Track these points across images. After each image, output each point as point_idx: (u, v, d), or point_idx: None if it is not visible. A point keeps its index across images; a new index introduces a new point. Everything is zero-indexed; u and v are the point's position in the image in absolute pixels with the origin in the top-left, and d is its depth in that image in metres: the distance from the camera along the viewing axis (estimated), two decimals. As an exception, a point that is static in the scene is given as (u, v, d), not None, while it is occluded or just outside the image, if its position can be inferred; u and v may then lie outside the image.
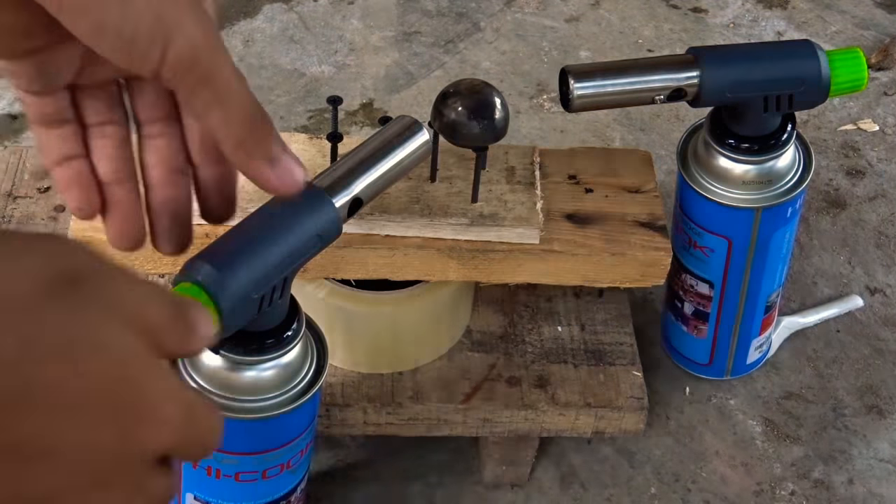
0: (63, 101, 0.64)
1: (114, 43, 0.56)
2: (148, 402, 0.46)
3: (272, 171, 0.62)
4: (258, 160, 0.62)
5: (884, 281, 1.26)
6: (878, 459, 1.12)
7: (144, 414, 0.46)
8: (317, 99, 1.41)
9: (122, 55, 0.56)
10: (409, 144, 0.78)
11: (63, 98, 0.64)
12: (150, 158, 0.66)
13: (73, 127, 0.65)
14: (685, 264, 1.08)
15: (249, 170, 0.62)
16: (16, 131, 1.37)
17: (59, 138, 0.65)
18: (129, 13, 0.55)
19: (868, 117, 1.43)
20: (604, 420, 1.01)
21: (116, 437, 0.45)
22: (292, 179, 0.63)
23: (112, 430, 0.45)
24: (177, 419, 0.47)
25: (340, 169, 0.75)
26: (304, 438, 0.86)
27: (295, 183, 0.64)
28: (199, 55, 0.57)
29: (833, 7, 1.58)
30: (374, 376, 1.01)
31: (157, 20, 0.55)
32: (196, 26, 0.56)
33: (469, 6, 1.55)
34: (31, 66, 0.62)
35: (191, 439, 0.48)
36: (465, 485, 1.08)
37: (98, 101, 0.65)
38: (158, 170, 0.66)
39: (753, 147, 0.99)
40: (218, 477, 0.85)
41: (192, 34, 0.56)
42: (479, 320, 1.06)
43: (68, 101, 0.65)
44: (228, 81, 0.59)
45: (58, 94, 0.64)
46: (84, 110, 0.65)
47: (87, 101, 0.65)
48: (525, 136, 1.38)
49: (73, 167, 0.65)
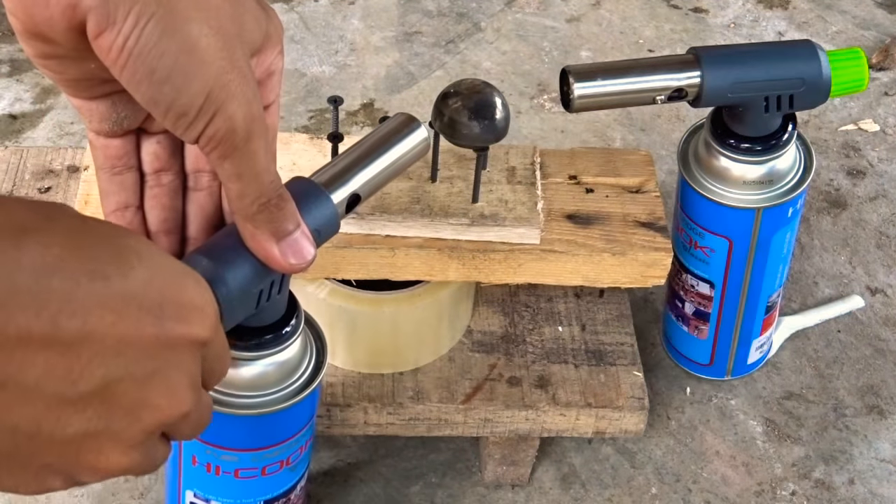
0: (129, 145, 0.68)
1: (165, 114, 0.60)
2: (188, 304, 0.52)
3: (276, 247, 0.66)
4: (263, 235, 0.65)
5: (884, 281, 1.26)
6: (879, 459, 1.12)
7: (184, 314, 0.52)
8: (317, 99, 1.42)
9: (170, 124, 0.60)
10: (407, 141, 0.79)
11: (129, 142, 0.68)
12: (191, 210, 0.71)
13: (133, 176, 0.69)
14: (686, 264, 1.08)
15: (252, 242, 0.66)
16: (16, 131, 1.37)
17: (120, 186, 0.69)
18: (185, 91, 0.58)
19: (869, 117, 1.43)
20: (604, 420, 1.01)
21: (157, 334, 0.51)
22: (297, 257, 0.66)
23: (155, 329, 0.51)
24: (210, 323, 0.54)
25: (338, 165, 0.76)
26: (304, 435, 0.86)
27: (300, 262, 0.67)
28: (234, 133, 0.60)
29: (834, 7, 1.58)
30: (374, 376, 1.01)
31: (207, 99, 0.59)
32: (239, 107, 0.60)
33: (470, 6, 1.55)
34: (104, 105, 0.65)
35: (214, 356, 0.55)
36: (466, 485, 1.08)
37: (160, 148, 0.69)
38: (197, 224, 0.71)
39: (754, 147, 0.99)
40: (217, 474, 0.85)
41: (233, 114, 0.60)
42: (480, 320, 1.06)
43: (133, 145, 0.68)
44: (253, 159, 0.62)
45: (125, 137, 0.68)
46: (146, 157, 0.69)
47: (151, 146, 0.69)
48: (526, 136, 1.38)
49: (126, 217, 0.69)
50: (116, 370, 0.50)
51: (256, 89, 0.62)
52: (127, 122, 0.67)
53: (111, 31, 0.57)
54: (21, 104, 1.40)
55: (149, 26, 0.57)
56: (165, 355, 0.51)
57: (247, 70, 0.61)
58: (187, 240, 0.70)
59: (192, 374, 0.53)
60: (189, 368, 0.53)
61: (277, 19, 0.65)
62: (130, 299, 0.50)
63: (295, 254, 0.66)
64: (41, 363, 0.47)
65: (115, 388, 0.50)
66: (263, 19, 0.63)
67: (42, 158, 1.10)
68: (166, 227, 0.70)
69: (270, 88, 0.66)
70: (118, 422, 0.51)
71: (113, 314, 0.49)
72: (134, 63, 0.58)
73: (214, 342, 0.55)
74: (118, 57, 0.57)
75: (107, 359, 0.49)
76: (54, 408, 0.49)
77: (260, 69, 0.65)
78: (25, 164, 1.10)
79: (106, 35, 0.57)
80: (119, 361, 0.50)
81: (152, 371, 0.51)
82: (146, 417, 0.52)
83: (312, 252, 0.67)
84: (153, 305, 0.51)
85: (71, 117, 1.38)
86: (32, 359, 0.47)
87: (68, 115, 1.38)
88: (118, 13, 0.56)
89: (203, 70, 0.58)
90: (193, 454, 0.85)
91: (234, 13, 0.60)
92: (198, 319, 0.53)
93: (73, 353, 0.48)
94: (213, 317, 0.54)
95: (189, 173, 0.70)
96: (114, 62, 0.58)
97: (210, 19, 0.59)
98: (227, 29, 0.60)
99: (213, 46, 0.59)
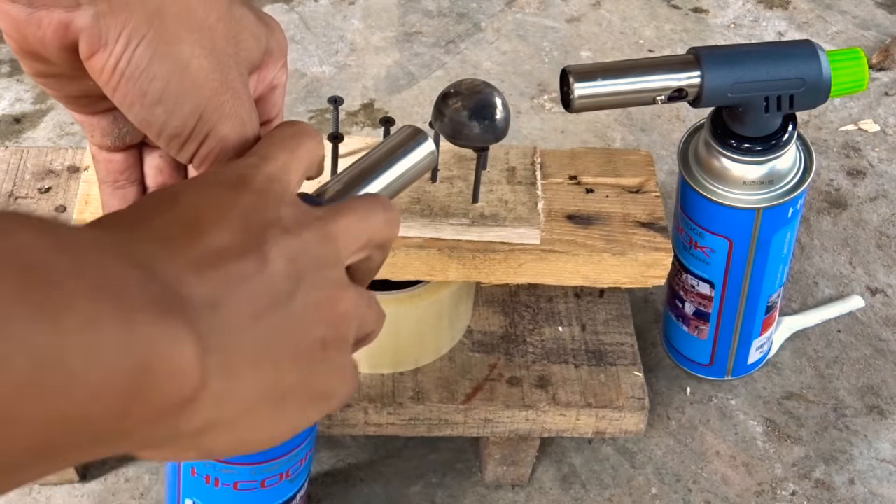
0: (132, 159, 0.68)
1: (158, 135, 0.60)
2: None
3: None
4: None
5: (885, 281, 1.26)
6: (880, 460, 1.12)
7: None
8: (318, 99, 1.42)
9: (163, 144, 0.60)
10: (413, 155, 0.78)
11: (132, 156, 0.68)
12: None
13: (136, 190, 0.69)
14: (686, 264, 1.08)
15: None
16: (17, 132, 1.37)
17: (123, 200, 0.69)
18: (177, 113, 0.59)
19: (869, 118, 1.43)
20: (605, 420, 1.01)
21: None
22: None
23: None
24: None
25: (342, 180, 0.75)
26: (304, 448, 0.85)
27: None
28: (227, 154, 0.61)
29: (834, 7, 1.58)
30: (375, 376, 1.01)
31: (199, 121, 0.59)
32: (233, 128, 0.60)
33: (470, 6, 1.55)
34: (105, 121, 0.66)
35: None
36: (466, 485, 1.08)
37: (163, 162, 0.69)
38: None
39: (754, 147, 0.99)
40: (217, 485, 0.85)
41: (226, 135, 0.60)
42: (480, 320, 1.06)
43: (136, 159, 0.68)
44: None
45: (127, 151, 0.68)
46: (149, 170, 0.69)
47: (154, 160, 0.69)
48: (526, 136, 1.38)
49: None
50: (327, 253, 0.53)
51: (252, 108, 0.61)
52: (129, 136, 0.67)
53: (103, 52, 0.57)
54: (21, 104, 1.40)
55: (140, 48, 0.57)
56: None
57: (241, 90, 0.60)
58: None
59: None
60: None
61: (281, 33, 0.65)
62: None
63: None
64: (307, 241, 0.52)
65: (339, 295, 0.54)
66: (263, 35, 0.63)
67: (42, 158, 1.10)
68: None
69: (273, 103, 0.66)
70: (345, 327, 0.54)
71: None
72: (125, 85, 0.58)
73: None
74: (110, 78, 0.57)
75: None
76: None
77: (261, 85, 0.64)
78: (26, 164, 1.10)
79: (98, 56, 0.57)
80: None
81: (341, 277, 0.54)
82: (357, 327, 0.55)
83: None
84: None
85: (71, 117, 1.38)
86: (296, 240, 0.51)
87: (68, 116, 1.38)
88: (110, 34, 0.56)
89: (195, 92, 0.58)
90: (192, 465, 0.85)
91: (229, 32, 0.60)
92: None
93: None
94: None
95: None
96: (106, 83, 0.58)
97: (203, 40, 0.59)
98: (222, 48, 0.59)
99: (206, 68, 0.59)
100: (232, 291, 0.48)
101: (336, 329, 0.53)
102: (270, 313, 0.49)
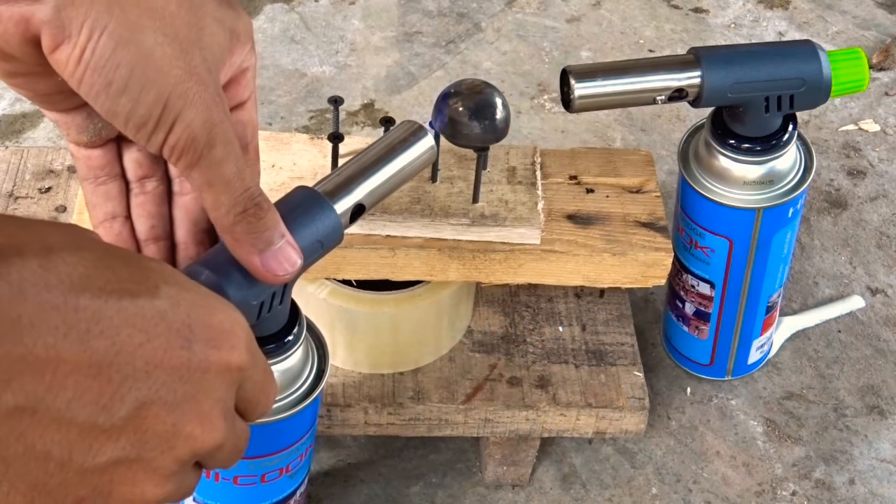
0: (110, 154, 0.68)
1: (125, 125, 0.59)
2: (217, 327, 0.51)
3: (259, 257, 0.64)
4: (245, 246, 0.64)
5: (885, 281, 1.26)
6: (880, 460, 1.12)
7: (213, 336, 0.51)
8: (318, 99, 1.42)
9: (132, 135, 0.60)
10: (413, 150, 0.78)
11: (110, 151, 0.68)
12: (177, 214, 0.70)
13: (117, 185, 0.68)
14: (686, 264, 1.08)
15: (235, 252, 0.65)
16: (16, 131, 1.37)
17: (105, 196, 0.68)
18: (142, 101, 0.58)
19: (869, 118, 1.43)
20: (605, 420, 1.01)
21: (188, 357, 0.50)
22: (282, 267, 0.65)
23: (185, 353, 0.50)
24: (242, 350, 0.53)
25: (343, 174, 0.75)
26: (304, 443, 0.85)
27: (285, 272, 0.65)
28: (195, 141, 0.60)
29: (834, 7, 1.58)
30: (375, 376, 1.01)
31: (164, 108, 0.58)
32: (198, 114, 0.59)
33: (470, 6, 1.55)
34: (79, 117, 0.66)
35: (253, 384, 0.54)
36: (466, 485, 1.08)
37: (141, 155, 0.68)
38: (184, 228, 0.69)
39: (755, 147, 0.99)
40: (216, 480, 0.84)
41: (192, 121, 0.59)
42: (480, 320, 1.06)
43: (115, 154, 0.68)
44: (220, 167, 0.61)
45: (105, 146, 0.67)
46: (128, 164, 0.68)
47: (132, 154, 0.68)
48: (526, 136, 1.38)
49: (114, 228, 0.68)
50: (147, 393, 0.48)
51: (219, 94, 0.61)
52: (105, 131, 0.66)
53: (67, 44, 0.56)
54: (21, 104, 1.40)
55: (103, 38, 0.56)
56: (196, 379, 0.50)
57: (206, 76, 0.60)
58: (177, 245, 0.70)
59: (224, 401, 0.52)
60: (221, 395, 0.51)
61: (246, 16, 0.65)
62: (159, 319, 0.49)
63: (278, 266, 0.65)
64: (71, 386, 0.46)
65: (147, 414, 0.49)
66: (228, 19, 0.63)
67: (42, 158, 1.10)
68: (154, 234, 0.69)
69: (245, 85, 0.66)
70: (151, 450, 0.49)
71: (142, 333, 0.48)
72: (91, 76, 0.57)
73: (252, 369, 0.53)
74: (75, 70, 0.57)
75: (137, 381, 0.48)
76: (86, 434, 0.47)
77: (230, 69, 0.64)
78: (26, 164, 1.10)
79: (62, 49, 0.57)
80: (150, 384, 0.48)
81: (183, 396, 0.50)
82: (179, 446, 0.50)
83: (298, 263, 0.65)
84: (182, 326, 0.49)
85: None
86: (62, 381, 0.46)
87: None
88: (72, 26, 0.56)
89: (159, 79, 0.58)
90: None
91: (191, 19, 0.60)
92: (227, 344, 0.51)
93: (103, 375, 0.47)
94: (245, 340, 0.53)
95: (173, 178, 0.69)
96: (71, 75, 0.58)
97: (165, 27, 0.58)
98: (184, 35, 0.59)
99: (169, 55, 0.58)
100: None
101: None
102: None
